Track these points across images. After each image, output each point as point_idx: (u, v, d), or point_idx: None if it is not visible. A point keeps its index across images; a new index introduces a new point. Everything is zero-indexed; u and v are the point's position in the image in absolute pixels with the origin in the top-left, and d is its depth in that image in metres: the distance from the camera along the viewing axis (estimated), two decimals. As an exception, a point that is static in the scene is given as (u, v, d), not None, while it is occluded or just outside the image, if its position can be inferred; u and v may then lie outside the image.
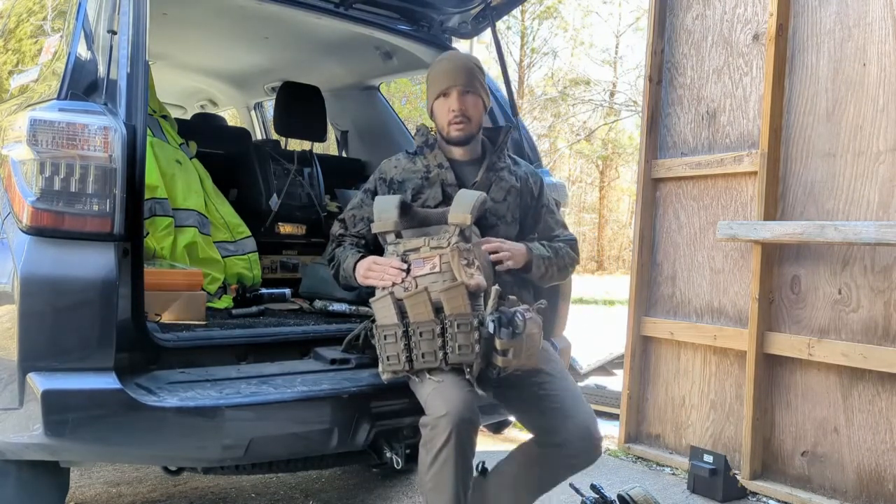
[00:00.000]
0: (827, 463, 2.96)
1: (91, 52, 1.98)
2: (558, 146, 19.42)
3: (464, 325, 1.87)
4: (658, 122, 3.66)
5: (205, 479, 2.98)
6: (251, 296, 2.91)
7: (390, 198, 2.11)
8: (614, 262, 20.83)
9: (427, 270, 1.97)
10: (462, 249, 1.95)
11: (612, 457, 3.61)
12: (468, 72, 2.21)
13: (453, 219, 2.00)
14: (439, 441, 1.81)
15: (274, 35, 3.54)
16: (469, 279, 1.92)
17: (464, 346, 1.87)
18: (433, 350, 1.89)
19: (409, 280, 1.97)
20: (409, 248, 2.02)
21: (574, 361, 4.96)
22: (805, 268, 3.04)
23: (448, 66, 2.24)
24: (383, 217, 2.07)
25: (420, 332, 1.90)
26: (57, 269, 1.76)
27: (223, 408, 1.84)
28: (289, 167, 3.43)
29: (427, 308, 1.90)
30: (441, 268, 1.95)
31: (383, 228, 2.06)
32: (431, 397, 1.88)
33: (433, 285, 1.93)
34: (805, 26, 3.09)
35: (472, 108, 2.21)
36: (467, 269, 1.94)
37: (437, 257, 1.97)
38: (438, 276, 1.94)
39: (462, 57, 2.32)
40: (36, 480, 2.01)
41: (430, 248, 1.99)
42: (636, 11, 19.07)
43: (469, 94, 2.20)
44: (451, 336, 1.88)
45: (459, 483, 1.82)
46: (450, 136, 2.23)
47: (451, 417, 1.80)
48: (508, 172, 2.29)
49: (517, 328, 1.86)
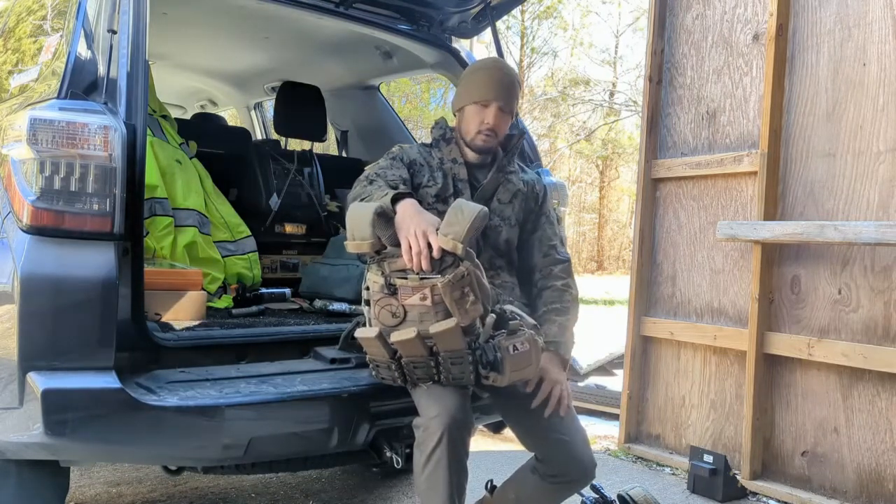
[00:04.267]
0: (827, 463, 2.95)
1: (91, 52, 1.98)
2: (558, 146, 19.42)
3: (458, 360, 1.82)
4: (658, 122, 3.66)
5: (205, 479, 2.98)
6: (251, 295, 2.91)
7: (365, 208, 1.82)
8: (614, 262, 20.83)
9: (417, 300, 1.80)
10: (456, 281, 1.75)
11: (612, 457, 3.61)
12: (511, 91, 2.17)
13: (444, 243, 1.75)
14: (432, 442, 1.80)
15: (274, 35, 3.54)
16: (463, 316, 1.77)
17: (457, 376, 1.85)
18: (429, 375, 1.86)
19: (396, 305, 1.81)
20: (395, 269, 1.83)
21: (574, 361, 4.95)
22: (805, 268, 3.04)
23: (495, 77, 2.17)
24: (356, 235, 1.82)
25: (413, 364, 1.85)
26: (57, 269, 1.76)
27: (223, 407, 1.84)
28: (289, 167, 3.43)
29: (419, 349, 1.80)
30: (433, 300, 1.78)
31: (357, 250, 1.83)
32: (424, 399, 1.88)
33: (424, 317, 1.80)
34: (805, 26, 3.09)
35: (503, 126, 2.18)
36: (462, 302, 1.76)
37: (427, 289, 1.78)
38: (430, 310, 1.79)
39: (509, 71, 2.22)
40: (36, 480, 2.01)
41: (419, 278, 1.79)
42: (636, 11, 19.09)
43: (506, 113, 2.17)
44: (445, 369, 1.83)
45: (453, 483, 1.82)
46: (474, 143, 2.19)
47: (442, 418, 1.80)
48: (516, 176, 2.28)
49: (498, 369, 1.82)
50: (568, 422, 2.04)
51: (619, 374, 4.96)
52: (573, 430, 2.04)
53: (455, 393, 1.87)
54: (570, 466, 2.02)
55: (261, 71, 4.23)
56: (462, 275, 1.76)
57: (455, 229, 1.74)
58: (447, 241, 1.75)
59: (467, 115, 2.19)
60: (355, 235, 1.82)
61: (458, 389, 1.88)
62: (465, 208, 1.77)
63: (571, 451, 2.01)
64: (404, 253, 1.78)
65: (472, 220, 1.74)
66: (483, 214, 1.77)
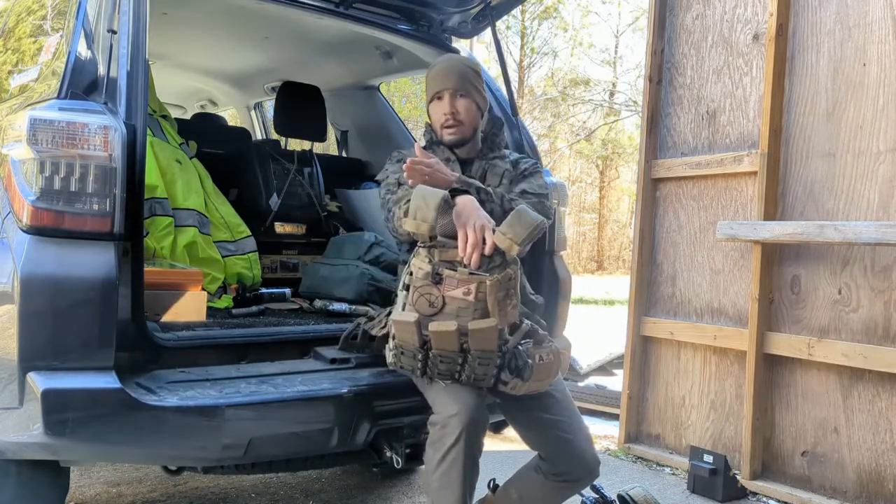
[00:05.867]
0: (827, 463, 2.95)
1: (91, 52, 1.98)
2: (558, 146, 19.42)
3: (486, 360, 1.84)
4: (658, 122, 3.66)
5: (205, 479, 2.98)
6: (251, 295, 2.91)
7: (435, 192, 1.85)
8: (614, 262, 20.83)
9: (460, 294, 1.83)
10: (504, 281, 1.82)
11: (612, 457, 3.61)
12: (461, 74, 2.18)
13: (500, 241, 1.80)
14: (449, 440, 1.80)
15: (274, 35, 3.54)
16: (503, 318, 1.82)
17: (480, 377, 1.86)
18: (451, 371, 1.87)
19: (437, 296, 1.85)
20: (445, 259, 1.87)
21: (574, 361, 4.96)
22: (805, 268, 3.04)
23: (442, 68, 2.21)
24: (419, 215, 1.84)
25: (440, 358, 1.85)
26: (57, 269, 1.76)
27: (223, 407, 1.84)
28: (289, 167, 3.43)
29: (454, 343, 1.81)
30: (476, 297, 1.82)
31: (416, 230, 1.85)
32: (441, 396, 1.87)
33: (462, 311, 1.83)
34: (805, 26, 3.09)
35: (465, 112, 2.17)
36: (504, 303, 1.82)
37: (474, 283, 1.82)
38: (471, 305, 1.83)
39: (457, 59, 2.28)
40: (36, 480, 2.01)
41: (468, 272, 1.84)
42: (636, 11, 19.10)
43: (462, 97, 2.17)
44: (471, 367, 1.84)
45: (467, 483, 1.82)
46: (443, 139, 2.21)
47: (461, 417, 1.79)
48: (503, 160, 2.27)
49: (523, 376, 1.85)
50: (571, 420, 2.05)
51: (619, 374, 4.96)
52: (576, 428, 2.04)
53: (473, 392, 1.87)
54: (573, 464, 2.03)
55: (261, 71, 4.22)
56: (510, 276, 1.83)
57: (515, 230, 1.80)
58: (504, 239, 1.79)
59: (431, 114, 2.23)
60: (417, 216, 1.84)
61: (474, 388, 1.89)
62: (527, 215, 1.82)
63: (575, 449, 2.02)
64: (460, 243, 1.83)
65: (532, 226, 1.80)
66: (543, 225, 1.83)
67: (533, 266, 2.58)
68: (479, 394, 1.89)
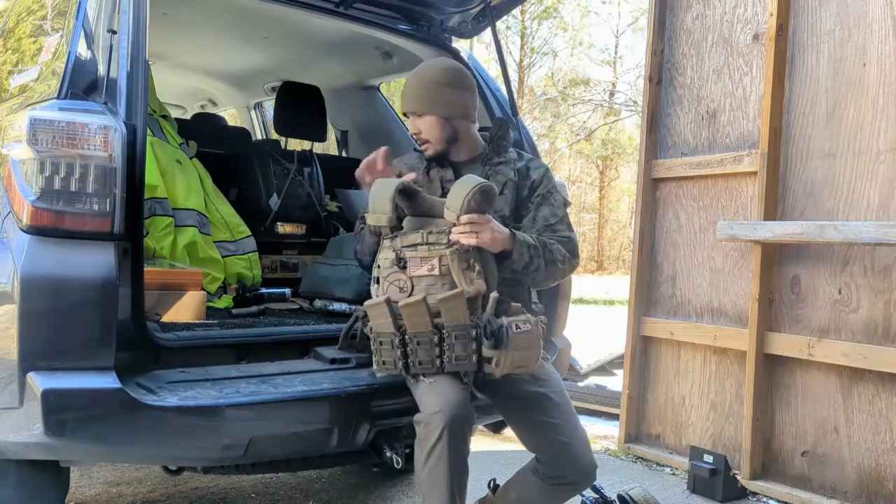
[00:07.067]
0: (827, 463, 2.95)
1: (91, 52, 1.98)
2: (558, 146, 19.43)
3: (462, 336, 1.84)
4: (658, 122, 3.66)
5: (205, 479, 2.98)
6: (251, 295, 2.91)
7: (388, 184, 1.96)
8: (614, 262, 20.84)
9: (425, 272, 1.91)
10: (463, 251, 1.88)
11: (612, 457, 3.61)
12: (416, 94, 2.16)
13: (448, 216, 1.91)
14: (433, 437, 1.81)
15: (274, 35, 3.54)
16: (469, 285, 1.86)
17: (461, 357, 1.86)
18: (430, 358, 1.87)
19: (405, 279, 1.92)
20: (406, 244, 1.95)
21: (574, 361, 4.96)
22: (805, 268, 3.04)
23: (403, 89, 2.21)
24: (377, 209, 1.94)
25: (417, 341, 1.87)
26: (57, 269, 1.76)
27: (223, 407, 1.84)
28: (289, 167, 3.43)
29: (424, 319, 1.85)
30: (440, 270, 1.89)
31: (377, 223, 1.96)
32: (426, 395, 1.88)
33: (431, 289, 1.88)
34: (805, 26, 3.09)
35: (427, 130, 2.16)
36: (468, 273, 1.88)
37: (436, 259, 1.90)
38: (437, 280, 1.89)
39: (415, 77, 2.19)
40: (36, 480, 2.01)
41: (428, 248, 1.92)
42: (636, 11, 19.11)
43: (420, 116, 2.16)
44: (449, 346, 1.85)
45: (454, 479, 1.82)
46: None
47: (444, 414, 1.80)
48: (507, 166, 2.24)
49: (501, 342, 1.83)
50: (568, 424, 2.04)
51: (619, 374, 4.96)
52: (573, 432, 2.04)
53: (456, 389, 1.87)
54: (569, 469, 2.02)
55: (261, 71, 4.23)
56: (468, 248, 1.88)
57: (454, 202, 1.89)
58: (449, 213, 1.90)
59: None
60: (376, 209, 1.95)
61: (458, 385, 1.89)
62: (461, 183, 1.92)
63: (571, 454, 2.01)
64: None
65: (465, 192, 1.88)
66: (482, 187, 1.89)
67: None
68: (463, 390, 1.89)
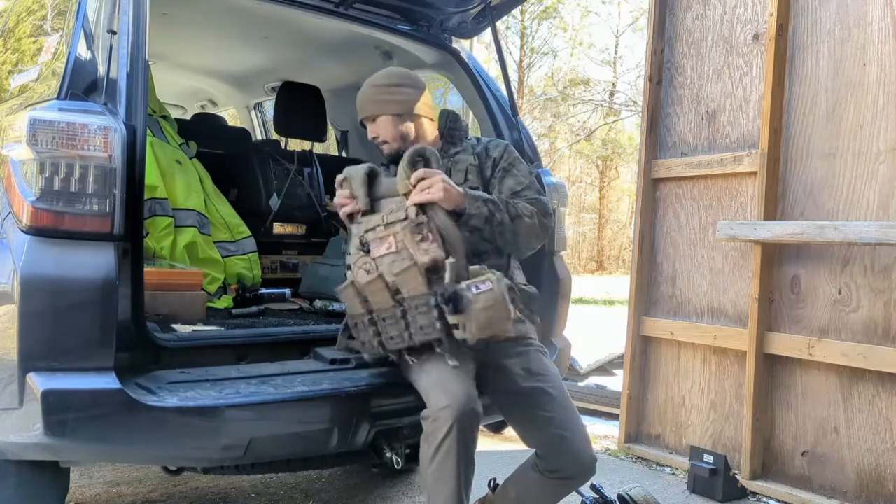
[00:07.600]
0: (827, 463, 2.95)
1: (91, 52, 1.98)
2: (558, 146, 19.43)
3: (422, 306, 1.85)
4: (658, 122, 3.66)
5: (205, 479, 2.98)
6: (251, 296, 2.91)
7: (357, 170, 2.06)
8: (614, 262, 20.83)
9: (384, 251, 1.93)
10: (415, 224, 1.90)
11: (612, 457, 3.61)
12: (363, 103, 2.25)
13: (401, 187, 1.97)
14: (441, 433, 1.79)
15: (274, 35, 3.54)
16: (422, 256, 1.87)
17: (425, 326, 1.86)
18: (399, 332, 1.90)
19: (370, 262, 1.94)
20: (368, 227, 1.99)
21: (574, 361, 4.96)
22: (805, 268, 3.04)
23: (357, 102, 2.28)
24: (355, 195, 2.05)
25: (383, 317, 1.91)
26: (57, 269, 1.76)
27: (223, 407, 1.84)
28: (289, 167, 3.43)
29: (385, 295, 1.89)
30: (397, 247, 1.92)
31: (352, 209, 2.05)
32: (433, 390, 1.87)
33: (392, 266, 1.90)
34: (805, 26, 3.09)
35: (383, 130, 2.23)
36: (421, 244, 1.89)
37: (391, 236, 1.94)
38: (396, 256, 1.91)
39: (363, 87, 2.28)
40: (36, 480, 2.01)
41: (384, 227, 1.96)
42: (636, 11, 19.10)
43: (373, 121, 2.24)
44: (413, 318, 1.87)
45: (462, 476, 1.81)
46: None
47: (452, 409, 1.79)
48: (466, 153, 2.26)
49: (459, 304, 1.81)
50: (568, 418, 2.05)
51: (619, 374, 4.96)
52: (573, 426, 2.04)
53: (465, 384, 1.87)
54: (569, 462, 2.02)
55: (261, 71, 4.23)
56: (421, 221, 1.91)
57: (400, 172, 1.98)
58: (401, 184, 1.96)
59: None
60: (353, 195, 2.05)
61: (467, 381, 1.89)
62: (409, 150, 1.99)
63: (571, 447, 2.01)
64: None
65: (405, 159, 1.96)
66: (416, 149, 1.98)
67: (532, 266, 2.58)
68: (471, 385, 1.89)
